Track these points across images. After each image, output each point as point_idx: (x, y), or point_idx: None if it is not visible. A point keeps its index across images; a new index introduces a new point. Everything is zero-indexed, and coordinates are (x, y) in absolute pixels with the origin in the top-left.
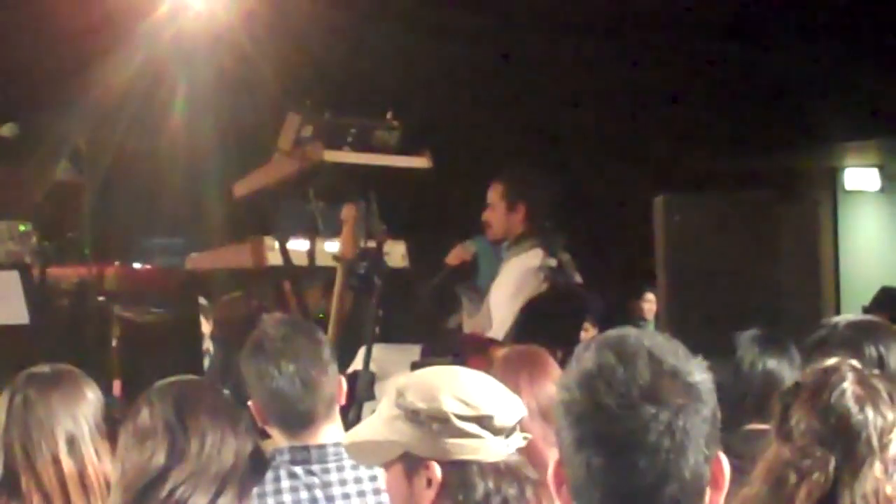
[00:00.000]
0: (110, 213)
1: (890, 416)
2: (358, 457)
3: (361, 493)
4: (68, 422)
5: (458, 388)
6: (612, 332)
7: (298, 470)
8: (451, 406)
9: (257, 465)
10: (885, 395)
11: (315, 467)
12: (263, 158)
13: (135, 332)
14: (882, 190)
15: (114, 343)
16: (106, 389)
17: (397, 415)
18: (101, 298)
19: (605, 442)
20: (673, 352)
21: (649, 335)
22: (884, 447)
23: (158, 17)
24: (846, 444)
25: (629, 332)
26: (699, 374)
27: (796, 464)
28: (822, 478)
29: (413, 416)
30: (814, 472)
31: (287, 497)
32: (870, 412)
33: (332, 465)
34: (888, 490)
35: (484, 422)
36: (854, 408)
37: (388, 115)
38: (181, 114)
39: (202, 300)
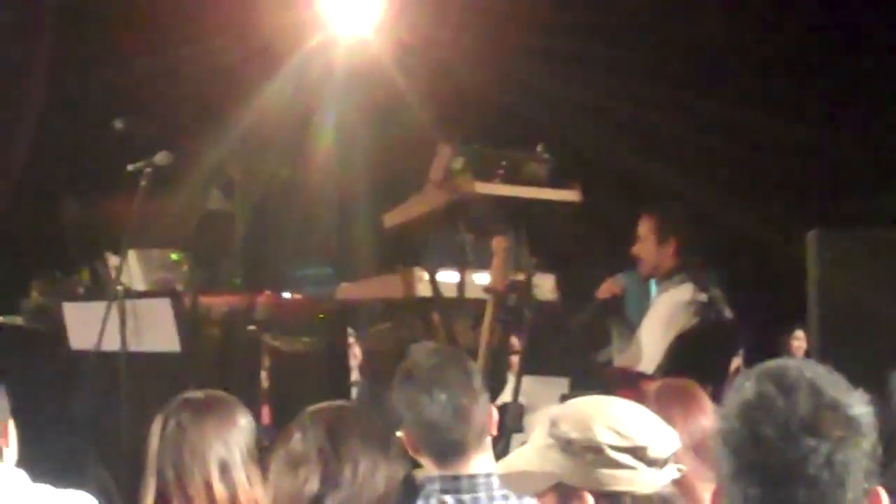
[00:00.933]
0: (261, 242)
1: None
2: (511, 486)
3: None
4: (221, 448)
5: (612, 418)
6: (773, 363)
7: (449, 499)
8: (605, 437)
9: (409, 492)
10: None
11: (465, 497)
12: (414, 190)
13: (284, 362)
14: None
15: (263, 372)
16: (255, 417)
17: (551, 444)
18: (251, 327)
19: (764, 473)
20: (834, 384)
21: (810, 366)
22: None
23: (310, 50)
24: None
25: (790, 363)
26: (860, 407)
27: None
28: None
29: (567, 446)
30: None
31: None
32: None
33: (482, 496)
34: None
35: (638, 453)
36: None
37: (539, 148)
38: (333, 144)
39: (351, 330)
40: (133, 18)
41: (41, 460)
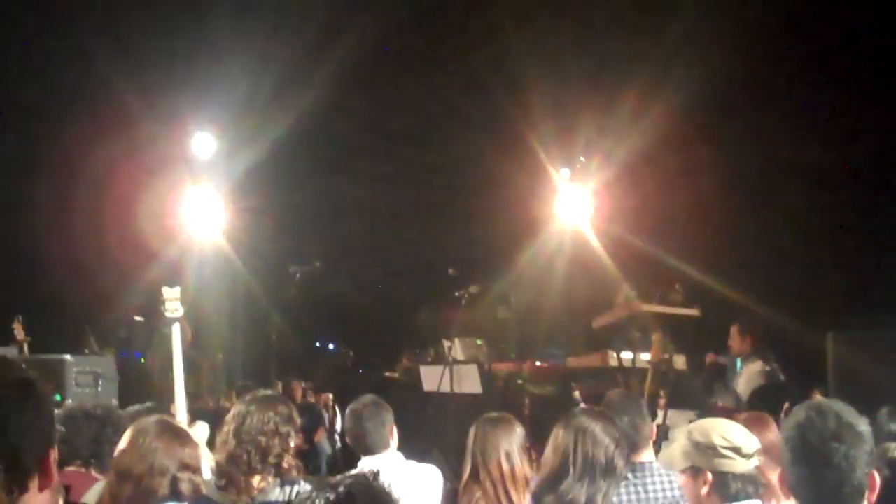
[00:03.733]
0: (526, 334)
1: None
2: (665, 467)
3: (664, 489)
4: (505, 443)
5: (722, 430)
6: (814, 401)
7: (630, 476)
8: (718, 441)
9: None
10: None
11: (639, 475)
12: (607, 309)
13: (538, 401)
14: None
15: (525, 406)
16: None
17: (688, 444)
18: (519, 381)
19: (809, 462)
20: (849, 413)
21: (836, 403)
22: None
23: (550, 231)
24: None
25: (823, 400)
26: (864, 426)
27: None
28: None
29: (696, 445)
30: None
31: (623, 489)
32: None
33: (648, 473)
34: None
35: (736, 450)
36: None
37: (677, 286)
38: (564, 281)
39: (574, 384)
40: (449, 206)
41: (409, 449)
